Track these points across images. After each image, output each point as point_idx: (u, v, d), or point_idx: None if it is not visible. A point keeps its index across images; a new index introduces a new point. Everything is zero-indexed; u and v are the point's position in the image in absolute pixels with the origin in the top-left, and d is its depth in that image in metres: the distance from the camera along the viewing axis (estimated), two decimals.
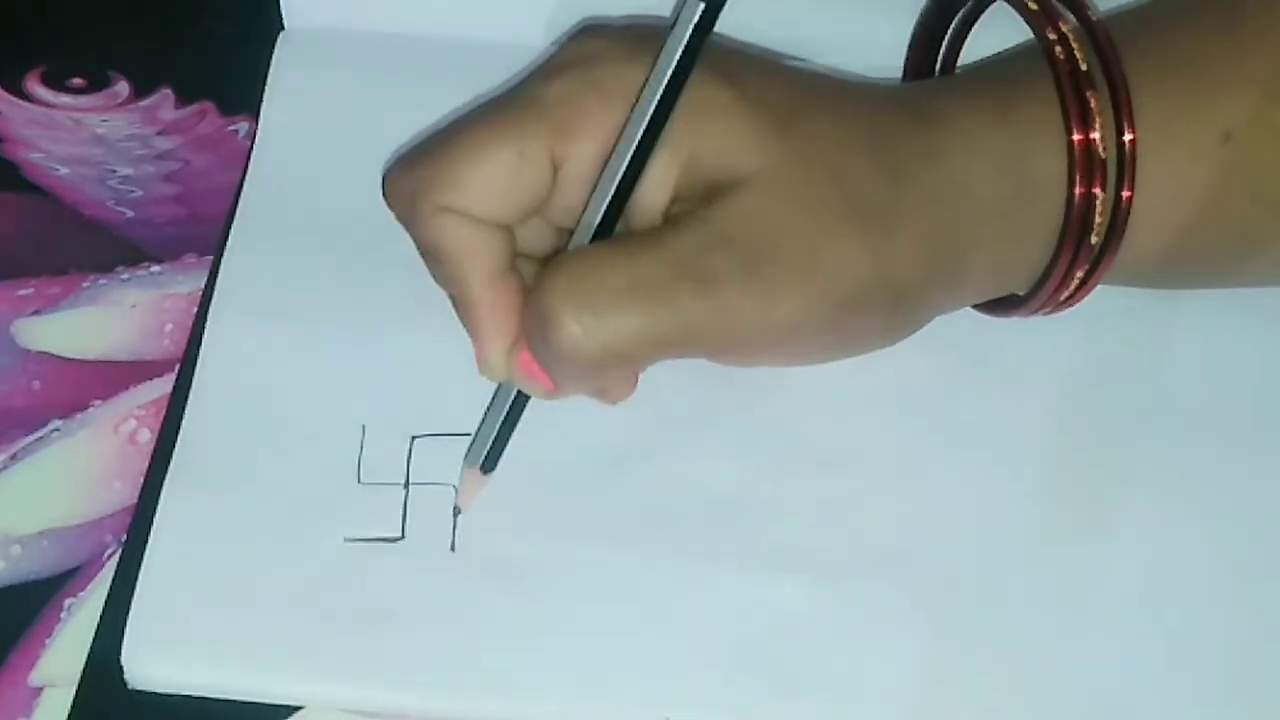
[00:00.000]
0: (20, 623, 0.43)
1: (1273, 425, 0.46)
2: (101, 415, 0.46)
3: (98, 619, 0.42)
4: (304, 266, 0.47)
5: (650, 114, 0.39)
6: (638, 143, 0.40)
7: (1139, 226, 0.41)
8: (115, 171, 0.51)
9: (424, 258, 0.42)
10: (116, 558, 0.43)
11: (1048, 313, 0.44)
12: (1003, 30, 0.44)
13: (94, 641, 0.42)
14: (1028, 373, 0.46)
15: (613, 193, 0.40)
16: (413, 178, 0.41)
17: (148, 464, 0.45)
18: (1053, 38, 0.41)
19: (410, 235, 0.42)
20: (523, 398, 0.42)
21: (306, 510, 0.43)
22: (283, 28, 0.53)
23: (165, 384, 0.46)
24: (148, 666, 0.41)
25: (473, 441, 0.43)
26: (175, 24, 0.54)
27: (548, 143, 0.40)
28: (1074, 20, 0.42)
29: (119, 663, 0.41)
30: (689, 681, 0.41)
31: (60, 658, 0.42)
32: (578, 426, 0.44)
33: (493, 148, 0.40)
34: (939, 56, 0.47)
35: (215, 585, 0.42)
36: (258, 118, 0.51)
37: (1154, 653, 0.42)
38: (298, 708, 0.41)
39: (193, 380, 0.45)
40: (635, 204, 0.40)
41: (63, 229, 0.50)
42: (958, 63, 0.47)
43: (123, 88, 0.52)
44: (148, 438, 0.45)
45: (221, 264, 0.48)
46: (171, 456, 0.44)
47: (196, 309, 0.47)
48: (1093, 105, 0.41)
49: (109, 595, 0.43)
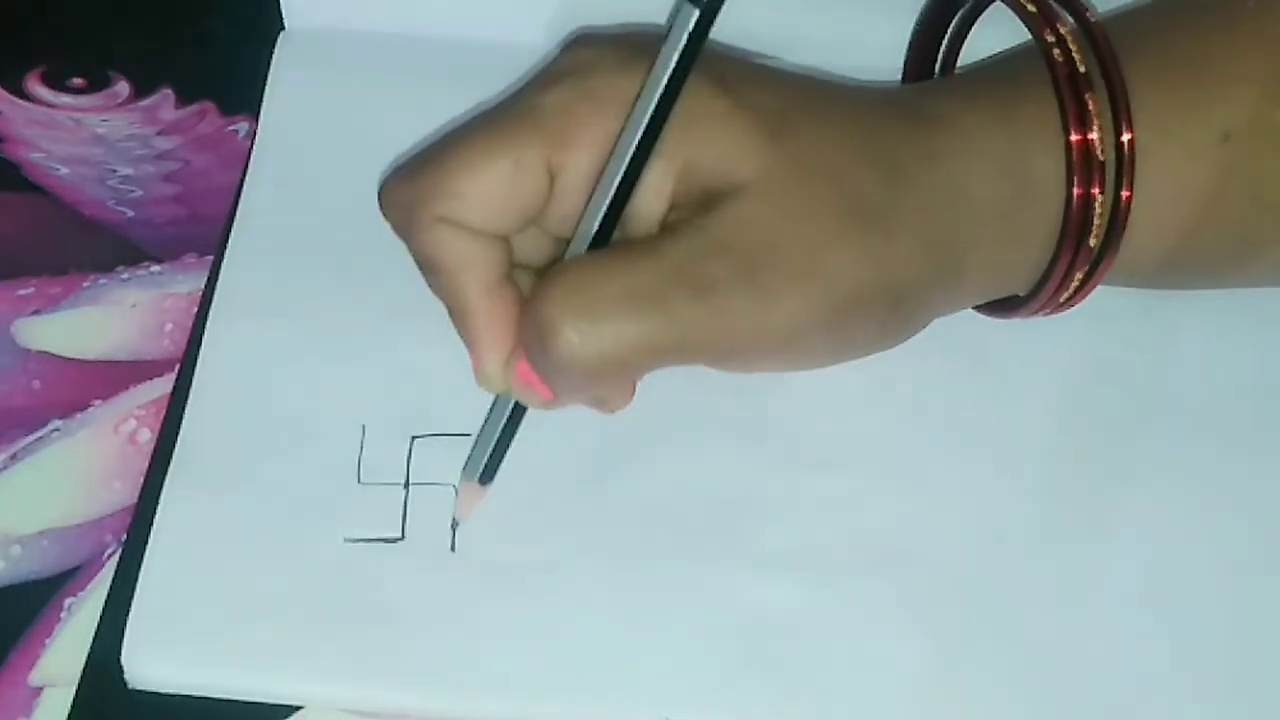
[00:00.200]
0: (20, 623, 0.43)
1: (1273, 425, 0.46)
2: (101, 415, 0.46)
3: (98, 619, 0.42)
4: (304, 266, 0.47)
5: (645, 122, 0.39)
6: (633, 151, 0.39)
7: (1138, 227, 0.41)
8: (115, 171, 0.51)
9: (420, 269, 0.42)
10: (116, 558, 0.43)
11: (1048, 314, 0.44)
12: (1002, 30, 0.44)
13: (94, 641, 0.42)
14: (1028, 373, 0.46)
15: (609, 201, 0.40)
16: (409, 189, 0.41)
17: (148, 464, 0.45)
18: (1051, 39, 0.41)
19: (407, 247, 0.42)
20: (520, 409, 0.42)
21: (306, 510, 0.43)
22: (283, 28, 0.53)
23: (165, 384, 0.46)
24: (148, 666, 0.41)
25: (471, 453, 0.43)
26: (175, 24, 0.54)
27: (544, 152, 0.40)
28: (1072, 22, 0.42)
29: (119, 663, 0.41)
30: (689, 681, 0.41)
31: (60, 658, 0.42)
32: (578, 426, 0.44)
33: (489, 158, 0.40)
34: (938, 57, 0.47)
35: (215, 585, 0.42)
36: (258, 118, 0.51)
37: (1154, 652, 0.42)
38: (298, 708, 0.41)
39: (193, 380, 0.45)
40: (632, 212, 0.40)
41: (63, 229, 0.50)
42: (957, 63, 0.47)
43: (123, 88, 0.52)
44: (148, 438, 0.45)
45: (222, 264, 0.48)
46: (171, 456, 0.44)
47: (196, 309, 0.47)
48: (1091, 106, 0.41)
49: (109, 595, 0.43)
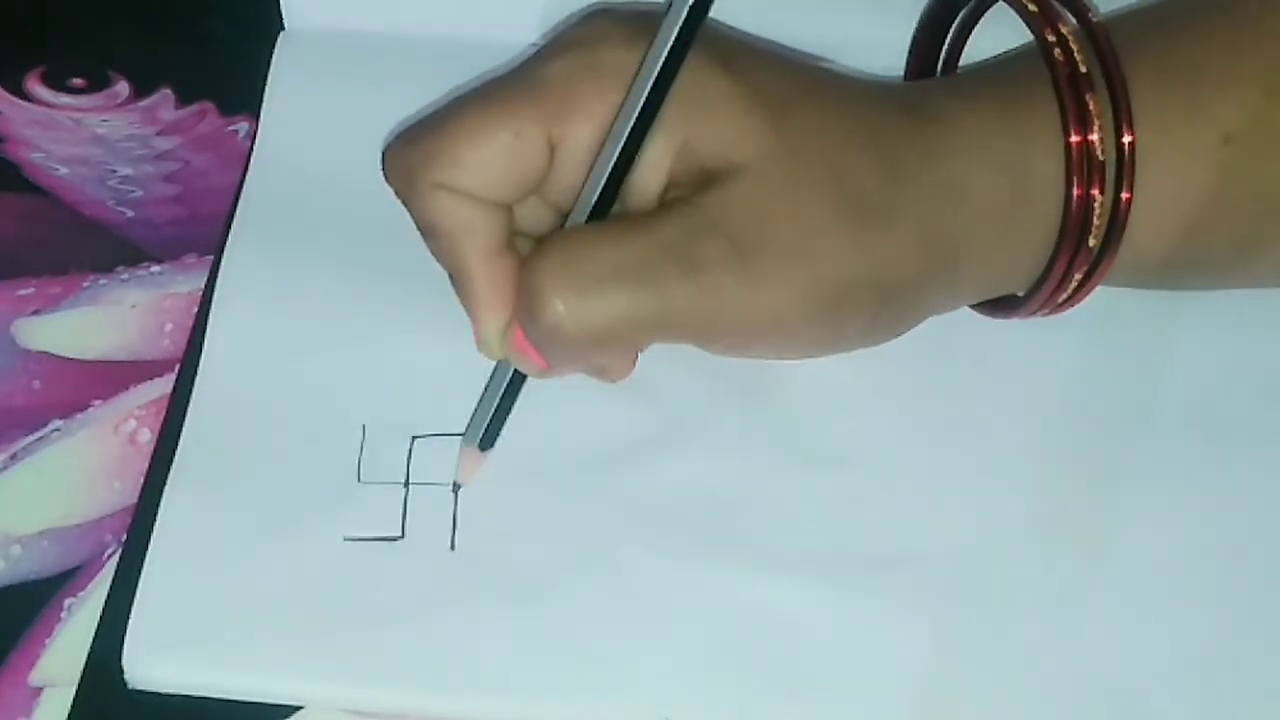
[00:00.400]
0: (20, 623, 0.43)
1: (1273, 425, 0.46)
2: (101, 415, 0.46)
3: (98, 619, 0.42)
4: (304, 266, 0.47)
5: (645, 97, 0.39)
6: (632, 125, 0.40)
7: (1138, 228, 0.41)
8: (115, 171, 0.51)
9: (422, 234, 0.42)
10: (116, 558, 0.43)
11: (1046, 314, 0.44)
12: (1003, 30, 0.44)
13: (94, 641, 0.42)
14: (1027, 373, 0.46)
15: (607, 175, 0.40)
16: (411, 153, 0.41)
17: (148, 464, 0.45)
18: (1052, 39, 0.41)
19: (408, 211, 0.42)
20: (520, 376, 0.42)
21: (306, 510, 0.43)
22: (283, 28, 0.53)
23: (165, 384, 0.46)
24: (148, 666, 0.41)
25: (471, 419, 0.43)
26: (175, 24, 0.54)
27: (544, 124, 0.40)
28: (1074, 22, 0.42)
29: (119, 663, 0.41)
30: (689, 681, 0.41)
31: (60, 658, 0.42)
32: (579, 425, 0.44)
33: (490, 128, 0.40)
34: (940, 57, 0.47)
35: (215, 585, 0.42)
36: (258, 118, 0.51)
37: (1154, 652, 0.42)
38: (298, 708, 0.41)
39: (193, 380, 0.45)
40: (630, 188, 0.40)
41: (63, 229, 0.50)
42: (959, 64, 0.47)
43: (123, 88, 0.52)
44: (148, 438, 0.45)
45: (221, 264, 0.48)
46: (172, 456, 0.44)
47: (196, 309, 0.47)
48: (1091, 107, 0.41)
49: (109, 595, 0.43)
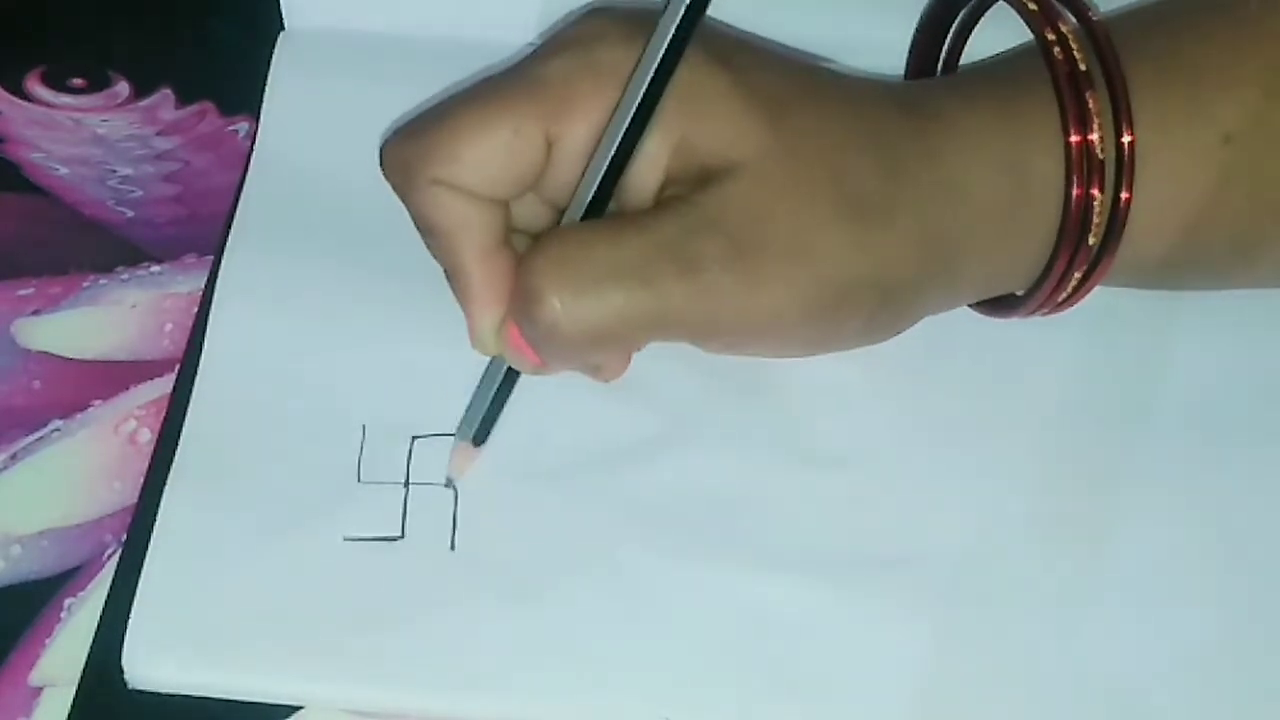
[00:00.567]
0: (20, 623, 0.43)
1: (1273, 425, 0.46)
2: (101, 415, 0.46)
3: (98, 619, 0.42)
4: (304, 266, 0.47)
5: (641, 94, 0.39)
6: (628, 122, 0.39)
7: (1138, 228, 0.41)
8: (115, 171, 0.51)
9: (419, 229, 0.42)
10: (116, 558, 0.43)
11: (1046, 313, 0.44)
12: (1003, 30, 0.44)
13: (94, 641, 0.42)
14: (1027, 373, 0.46)
15: (603, 172, 0.40)
16: (409, 149, 0.41)
17: (148, 464, 0.45)
18: (1052, 38, 0.41)
19: (405, 206, 0.42)
20: (514, 372, 0.42)
21: (306, 510, 0.43)
22: (283, 28, 0.53)
23: (165, 384, 0.46)
24: (148, 666, 0.41)
25: (465, 414, 0.43)
26: (175, 24, 0.54)
27: (542, 122, 0.40)
28: (1074, 21, 0.42)
29: (119, 663, 0.41)
30: (689, 681, 0.41)
31: (60, 658, 0.42)
32: (578, 425, 0.44)
33: (488, 125, 0.40)
34: (940, 57, 0.47)
35: (215, 585, 0.42)
36: (258, 118, 0.51)
37: (1154, 652, 0.42)
38: (298, 708, 0.41)
39: (193, 380, 0.45)
40: (627, 185, 0.40)
41: (63, 229, 0.50)
42: (959, 64, 0.46)
43: (123, 88, 0.52)
44: (148, 438, 0.45)
45: (221, 264, 0.48)
46: (172, 456, 0.44)
47: (196, 309, 0.47)
48: (1091, 106, 0.41)
49: (109, 595, 0.43)
